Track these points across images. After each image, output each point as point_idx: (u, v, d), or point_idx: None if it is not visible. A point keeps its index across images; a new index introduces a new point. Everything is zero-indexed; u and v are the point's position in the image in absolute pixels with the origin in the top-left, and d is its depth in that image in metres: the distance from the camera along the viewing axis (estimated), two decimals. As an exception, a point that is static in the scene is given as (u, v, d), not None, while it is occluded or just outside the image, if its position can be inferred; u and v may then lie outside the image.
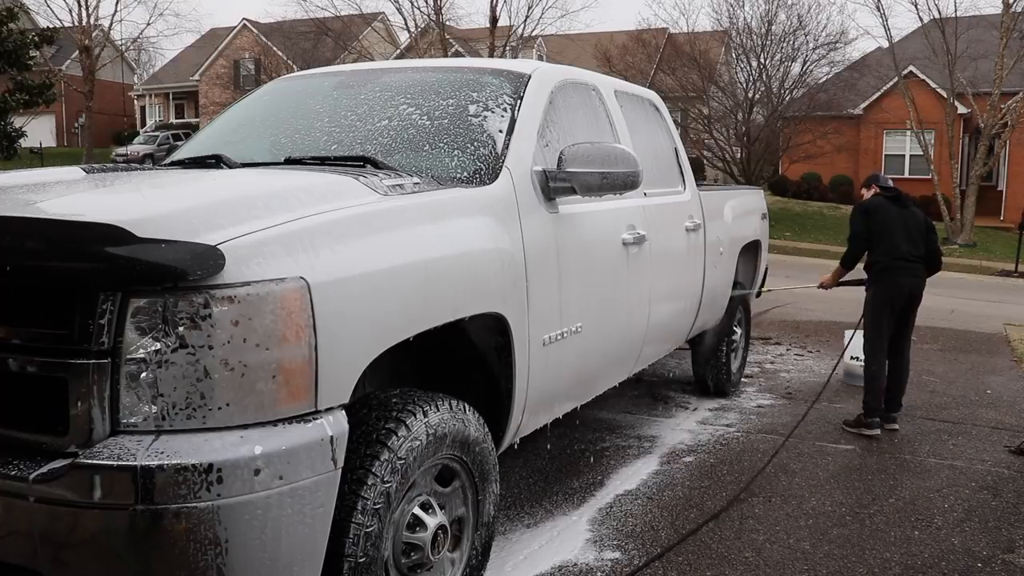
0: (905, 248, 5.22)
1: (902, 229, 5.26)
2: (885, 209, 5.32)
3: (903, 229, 5.26)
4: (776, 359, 7.35)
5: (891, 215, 5.29)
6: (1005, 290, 14.55)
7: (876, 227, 5.29)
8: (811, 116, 25.67)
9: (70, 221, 2.05)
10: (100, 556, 1.86)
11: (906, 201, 5.42)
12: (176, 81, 45.17)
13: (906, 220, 5.30)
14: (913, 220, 5.33)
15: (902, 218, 5.30)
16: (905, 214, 5.32)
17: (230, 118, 4.04)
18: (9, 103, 22.02)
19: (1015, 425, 5.45)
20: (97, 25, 35.11)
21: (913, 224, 5.31)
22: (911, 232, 5.28)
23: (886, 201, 5.36)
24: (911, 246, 5.25)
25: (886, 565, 3.38)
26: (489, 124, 3.24)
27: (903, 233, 5.25)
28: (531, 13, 26.71)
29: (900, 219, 5.29)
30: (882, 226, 5.28)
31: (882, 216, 5.30)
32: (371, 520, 2.21)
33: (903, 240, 5.23)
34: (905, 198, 5.44)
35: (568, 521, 3.72)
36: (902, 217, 5.30)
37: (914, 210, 5.41)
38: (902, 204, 5.37)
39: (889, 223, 5.27)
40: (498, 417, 2.96)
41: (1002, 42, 21.75)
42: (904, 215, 5.31)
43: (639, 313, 3.98)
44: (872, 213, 5.33)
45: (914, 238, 5.27)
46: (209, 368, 1.89)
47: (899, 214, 5.30)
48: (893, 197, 5.39)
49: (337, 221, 2.24)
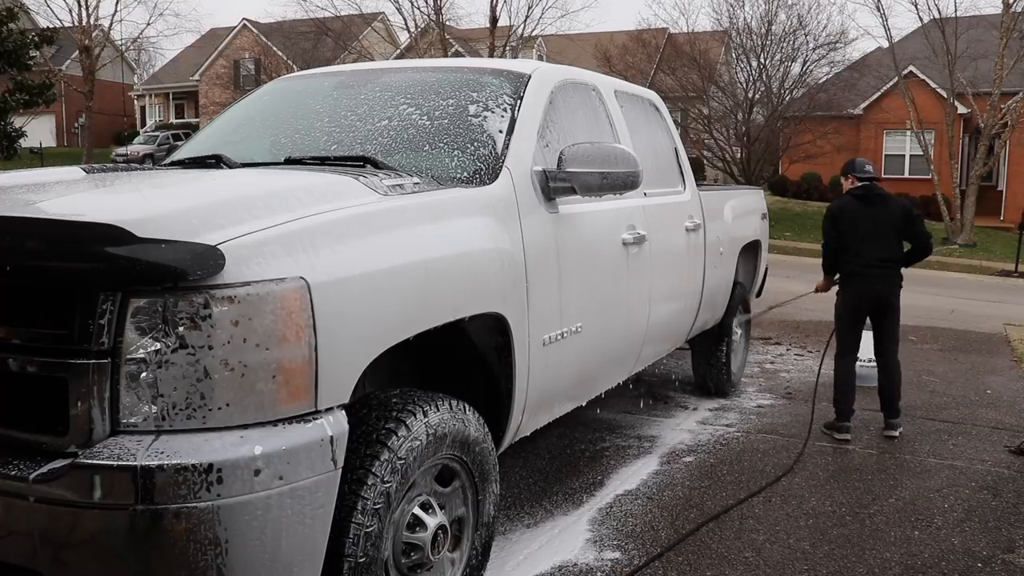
0: (872, 253, 5.01)
1: (871, 231, 5.03)
2: (851, 211, 5.09)
3: (872, 231, 5.03)
4: (776, 359, 7.35)
5: (858, 217, 5.06)
6: (1005, 290, 14.54)
7: (844, 232, 5.09)
8: (811, 116, 25.67)
9: (70, 221, 2.05)
10: (100, 556, 1.86)
11: (877, 197, 5.12)
12: (176, 81, 45.17)
13: (875, 220, 5.04)
14: (885, 217, 5.06)
15: (871, 218, 5.05)
16: (874, 213, 5.05)
17: (230, 118, 4.04)
18: (9, 103, 22.02)
19: (1015, 425, 5.45)
20: (97, 25, 35.11)
21: (885, 222, 5.05)
22: (882, 232, 5.04)
23: (854, 201, 5.11)
24: (881, 249, 5.02)
25: (886, 565, 3.38)
26: (489, 124, 3.24)
27: (872, 236, 5.02)
28: (531, 13, 26.71)
29: (868, 220, 5.05)
30: (849, 230, 5.07)
31: (848, 219, 5.08)
32: (371, 520, 2.21)
33: (871, 244, 5.02)
34: (876, 194, 5.13)
35: (568, 521, 3.72)
36: (871, 217, 5.05)
37: (887, 205, 5.11)
38: (871, 202, 5.09)
39: (856, 226, 5.05)
40: (498, 417, 2.97)
41: (1002, 42, 21.74)
42: (873, 214, 5.05)
43: (639, 313, 3.99)
44: (838, 217, 5.12)
45: (886, 238, 5.04)
46: (209, 368, 1.89)
47: (867, 214, 5.05)
48: (861, 196, 5.11)
49: (337, 221, 2.24)
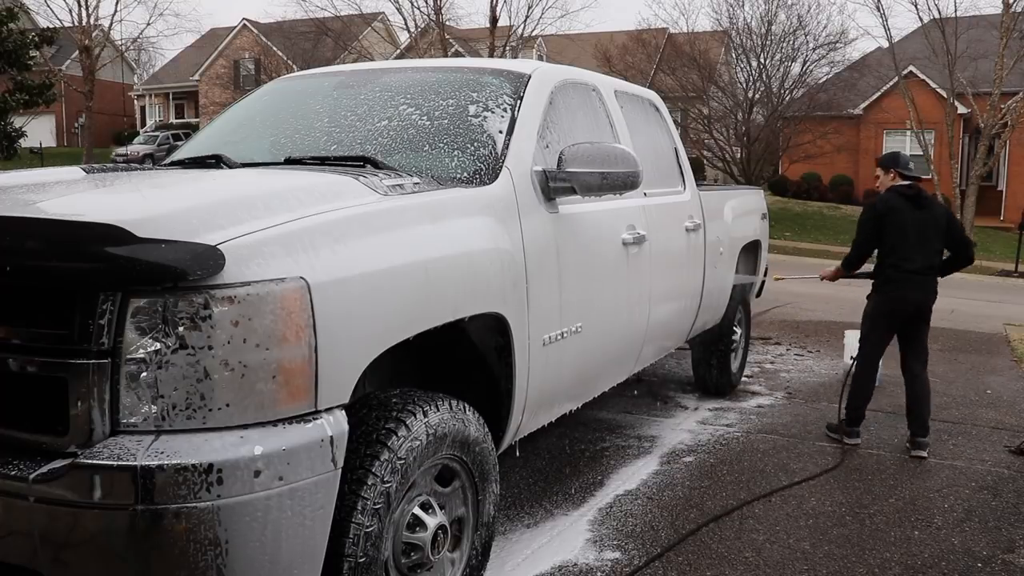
0: (919, 261, 4.70)
1: (918, 236, 4.71)
2: (901, 212, 4.74)
3: (919, 236, 4.71)
4: (776, 359, 7.35)
5: (907, 220, 4.72)
6: (1005, 290, 14.55)
7: (889, 233, 4.74)
8: (811, 116, 25.69)
9: (70, 221, 2.04)
10: (100, 556, 1.86)
11: (925, 200, 4.81)
12: (176, 81, 45.17)
13: (924, 224, 4.73)
14: (932, 222, 4.75)
15: (920, 223, 4.72)
16: (924, 217, 4.74)
17: (230, 118, 4.04)
18: (9, 103, 21.98)
19: (1015, 425, 5.45)
20: (97, 25, 35.11)
21: (932, 228, 4.74)
22: (929, 239, 4.73)
23: (904, 202, 4.76)
24: (926, 257, 4.72)
25: (886, 565, 3.38)
26: (489, 124, 3.24)
27: (919, 242, 4.71)
28: (531, 13, 26.74)
29: (918, 224, 4.71)
30: (896, 232, 4.72)
31: (897, 220, 4.72)
32: (371, 520, 2.21)
33: (918, 251, 4.70)
34: (925, 197, 4.82)
35: (568, 521, 3.71)
36: (920, 222, 4.72)
37: (934, 209, 4.81)
38: (921, 204, 4.76)
39: (905, 229, 4.71)
40: (498, 417, 2.96)
41: (1002, 42, 21.75)
42: (923, 218, 4.73)
43: (639, 313, 3.98)
44: (886, 216, 4.76)
45: (931, 246, 4.75)
46: (209, 368, 1.89)
47: (917, 218, 4.72)
48: (913, 196, 4.77)
49: (337, 221, 2.24)
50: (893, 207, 4.78)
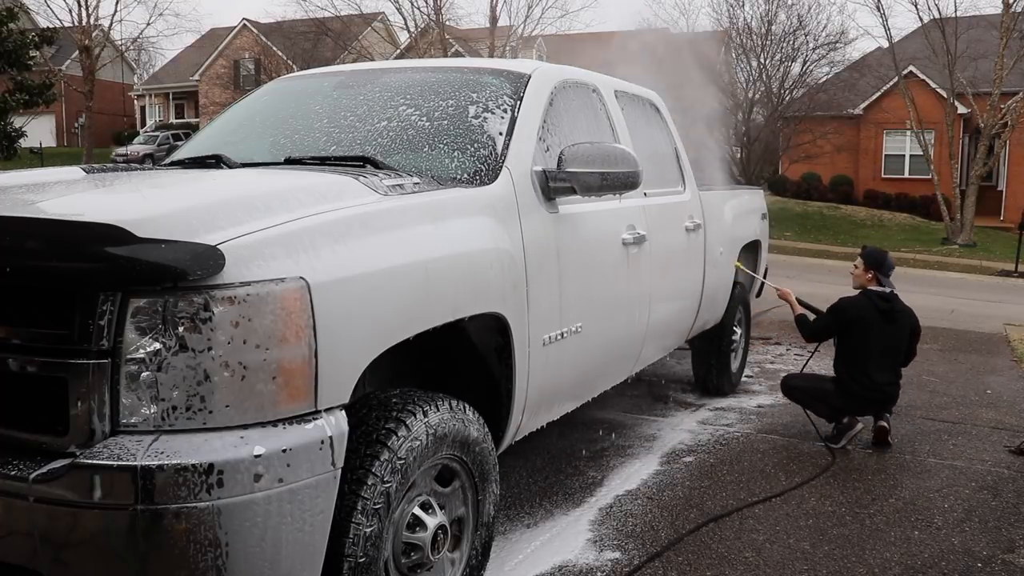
0: (880, 378, 4.68)
1: (885, 350, 4.68)
2: (870, 326, 4.65)
3: (886, 350, 4.68)
4: (776, 359, 7.35)
5: (875, 334, 4.66)
6: (1005, 290, 14.54)
7: (855, 338, 4.71)
8: (811, 116, 25.70)
9: (70, 221, 2.05)
10: (100, 556, 1.86)
11: (898, 313, 4.72)
12: (176, 81, 45.18)
13: (892, 339, 4.70)
14: (898, 336, 4.73)
15: (888, 338, 4.69)
16: (892, 332, 4.69)
17: (230, 118, 4.04)
18: (9, 103, 21.99)
19: (1015, 425, 5.45)
20: (97, 25, 35.12)
21: (898, 341, 4.74)
22: (893, 353, 4.73)
23: (876, 315, 4.66)
24: (888, 373, 4.71)
25: (886, 565, 3.38)
26: (489, 124, 3.24)
27: (882, 358, 4.67)
28: (531, 13, 26.79)
29: (885, 339, 4.68)
30: (862, 343, 4.67)
31: (865, 332, 4.66)
32: (371, 520, 2.21)
33: (880, 367, 4.67)
34: (898, 310, 4.72)
35: (568, 521, 3.71)
36: (889, 337, 4.69)
37: (902, 321, 4.74)
38: (892, 319, 4.68)
39: (869, 342, 4.66)
40: (498, 417, 2.96)
41: (1002, 42, 21.75)
42: (891, 333, 4.69)
43: (639, 313, 3.98)
44: (855, 324, 4.69)
45: (893, 361, 4.74)
46: (209, 368, 1.89)
47: (886, 333, 4.68)
48: (887, 310, 4.67)
49: (337, 221, 2.24)
50: (864, 318, 4.70)
